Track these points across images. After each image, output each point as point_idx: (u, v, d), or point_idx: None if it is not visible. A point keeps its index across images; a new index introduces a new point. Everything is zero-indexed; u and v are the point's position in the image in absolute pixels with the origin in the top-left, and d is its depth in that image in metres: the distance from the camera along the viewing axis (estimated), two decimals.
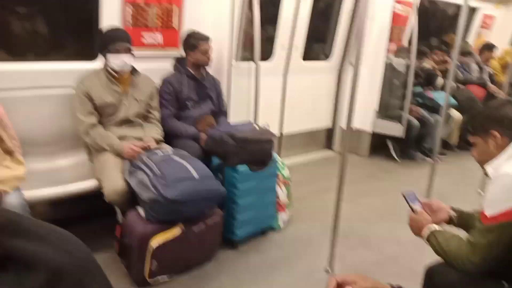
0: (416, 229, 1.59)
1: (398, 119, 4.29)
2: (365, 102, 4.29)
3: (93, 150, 2.41)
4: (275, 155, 2.71)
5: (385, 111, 4.41)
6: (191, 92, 2.76)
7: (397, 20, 4.34)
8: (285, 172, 2.92)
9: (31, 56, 2.61)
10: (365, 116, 4.31)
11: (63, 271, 0.35)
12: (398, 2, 4.25)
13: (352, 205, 3.19)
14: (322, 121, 4.59)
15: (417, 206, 1.66)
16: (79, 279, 0.36)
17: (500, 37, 6.02)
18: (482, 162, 1.47)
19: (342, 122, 4.46)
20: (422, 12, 4.88)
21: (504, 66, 5.73)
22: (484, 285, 1.33)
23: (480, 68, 5.32)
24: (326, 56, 4.43)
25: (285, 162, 2.98)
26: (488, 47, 5.31)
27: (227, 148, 2.45)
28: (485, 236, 1.29)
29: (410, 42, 4.34)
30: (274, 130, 3.58)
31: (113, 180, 2.20)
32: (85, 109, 2.36)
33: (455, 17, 6.05)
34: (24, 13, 2.52)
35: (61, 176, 2.44)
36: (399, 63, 4.31)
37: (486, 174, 1.46)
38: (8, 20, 2.45)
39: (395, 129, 4.30)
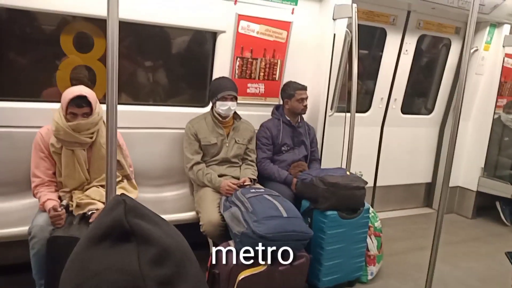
0: None
1: (509, 178, 3.93)
2: (470, 159, 4.04)
3: (195, 185, 2.67)
4: (367, 205, 2.68)
5: (494, 169, 4.08)
6: (286, 138, 2.92)
7: (507, 74, 4.10)
8: (377, 224, 2.85)
9: (150, 101, 3.04)
10: (470, 174, 4.04)
11: (170, 250, 0.45)
12: (509, 57, 4.03)
13: (450, 267, 2.97)
14: (422, 176, 4.39)
15: None
16: (180, 259, 0.46)
17: None
18: None
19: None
20: None
21: None
22: None
23: None
24: (427, 110, 4.31)
25: (377, 214, 2.92)
26: None
27: (317, 191, 2.51)
28: None
29: None
30: (369, 180, 3.56)
31: (209, 212, 2.40)
32: (192, 148, 2.66)
33: None
34: (149, 66, 2.96)
35: (166, 206, 2.72)
36: (510, 119, 4.01)
37: None
38: (135, 70, 2.90)
39: (505, 190, 3.93)
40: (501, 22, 3.87)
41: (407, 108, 4.07)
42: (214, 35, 2.83)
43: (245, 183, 2.56)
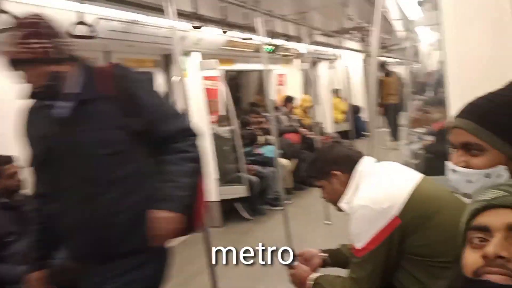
0: (300, 284, 1.61)
1: (239, 180, 4.49)
2: (207, 174, 4.37)
3: None
4: None
5: (225, 177, 4.56)
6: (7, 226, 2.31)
7: (210, 94, 4.67)
8: None
9: None
10: (210, 188, 4.37)
11: None
12: (207, 79, 4.59)
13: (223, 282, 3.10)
14: None
15: (293, 262, 1.69)
16: None
17: (293, 89, 7.06)
18: (333, 201, 1.60)
19: None
20: (230, 81, 5.41)
21: (305, 111, 6.71)
22: None
23: (289, 118, 6.10)
24: None
25: None
26: (289, 99, 6.16)
27: None
28: (364, 267, 1.38)
29: (227, 110, 4.70)
30: None
31: None
32: None
33: (255, 81, 6.90)
34: None
35: None
36: (224, 130, 4.58)
37: (339, 210, 1.60)
38: None
39: (239, 191, 4.47)
40: (190, 51, 4.34)
41: None
42: None
43: None
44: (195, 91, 4.37)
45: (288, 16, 4.70)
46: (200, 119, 4.36)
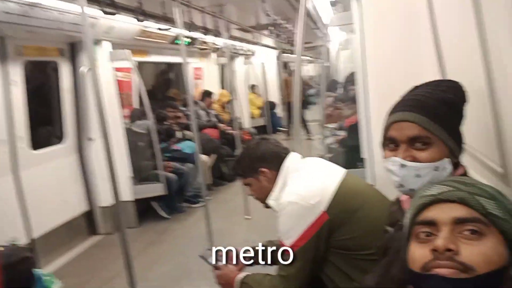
0: (226, 285, 1.57)
1: (155, 178, 4.30)
2: (120, 173, 4.12)
3: None
4: (38, 272, 2.18)
5: (140, 174, 4.34)
6: None
7: (123, 87, 4.38)
8: (56, 286, 2.40)
9: None
10: (124, 186, 4.11)
11: None
12: (118, 70, 4.30)
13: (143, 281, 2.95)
14: (77, 207, 4.10)
15: (218, 262, 1.63)
16: None
17: (210, 84, 6.97)
18: (261, 198, 1.57)
19: (101, 201, 4.12)
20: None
21: (223, 106, 6.67)
22: None
23: (207, 113, 5.99)
24: (59, 139, 4.01)
25: (51, 274, 2.46)
26: (207, 94, 6.05)
27: None
28: (293, 264, 1.37)
29: (141, 103, 4.46)
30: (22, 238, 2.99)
31: None
32: None
33: (168, 73, 6.67)
34: None
35: None
36: (138, 125, 4.34)
37: (267, 207, 1.57)
38: None
39: (156, 189, 4.29)
40: (100, 40, 4.02)
41: (37, 142, 3.62)
42: None
43: None
44: (106, 83, 4.07)
45: (206, 8, 4.58)
46: (112, 113, 4.08)
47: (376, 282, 1.07)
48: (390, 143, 0.98)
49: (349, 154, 3.50)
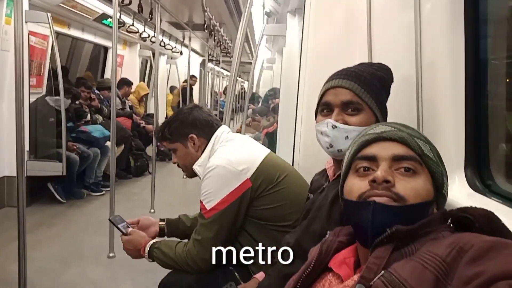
0: (134, 251, 1.51)
1: (56, 157, 3.96)
2: (13, 144, 3.71)
3: None
4: None
5: (40, 150, 3.96)
6: None
7: (35, 54, 4.00)
8: None
9: None
10: (15, 160, 3.71)
11: None
12: (33, 35, 3.93)
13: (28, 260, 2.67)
14: None
15: (127, 228, 1.58)
16: None
17: (129, 73, 6.68)
18: (186, 166, 1.56)
19: None
20: (62, 49, 4.77)
21: (140, 100, 6.43)
22: (217, 275, 1.40)
23: (123, 102, 5.73)
24: None
25: None
26: (126, 83, 5.78)
27: None
28: (210, 228, 1.37)
29: (50, 77, 4.11)
30: None
31: None
32: None
33: (87, 55, 6.28)
34: None
35: None
36: (55, 100, 3.99)
37: (190, 176, 1.56)
38: None
39: (54, 168, 3.93)
40: None
41: None
42: None
43: None
44: (17, 44, 3.69)
45: None
46: (17, 78, 3.69)
47: (295, 239, 1.13)
48: (324, 108, 1.08)
49: None
